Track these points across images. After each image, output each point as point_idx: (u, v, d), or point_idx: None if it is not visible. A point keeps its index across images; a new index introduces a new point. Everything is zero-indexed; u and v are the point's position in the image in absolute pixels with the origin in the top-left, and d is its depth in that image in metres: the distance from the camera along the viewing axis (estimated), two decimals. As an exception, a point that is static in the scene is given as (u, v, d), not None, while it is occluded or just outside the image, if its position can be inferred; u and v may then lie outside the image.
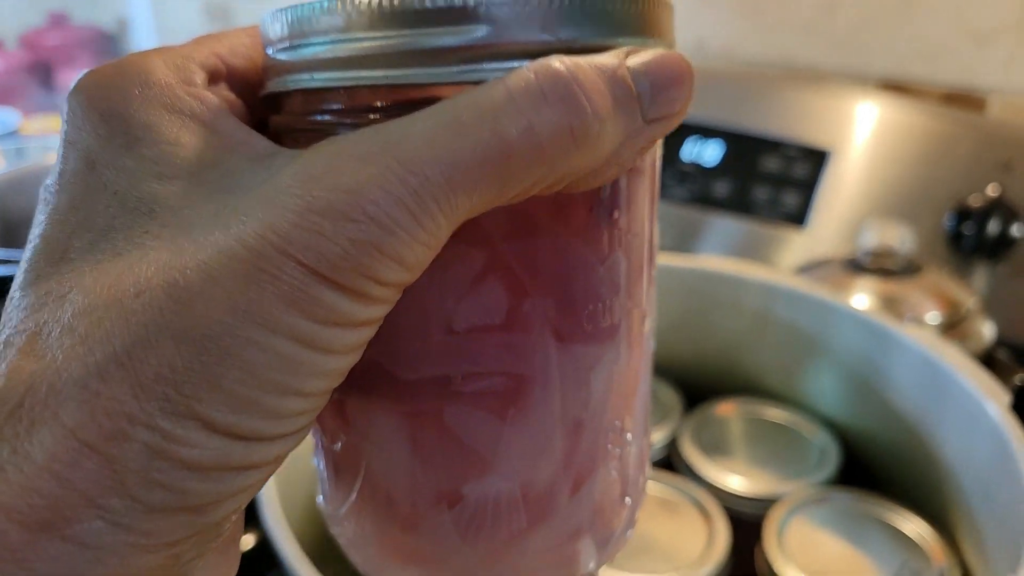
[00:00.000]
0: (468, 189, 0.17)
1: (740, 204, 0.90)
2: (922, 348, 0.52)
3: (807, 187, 0.87)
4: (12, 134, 1.30)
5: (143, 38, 1.45)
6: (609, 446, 0.23)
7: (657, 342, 0.34)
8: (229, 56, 0.22)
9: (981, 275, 0.79)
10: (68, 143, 0.20)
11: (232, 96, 0.22)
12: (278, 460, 0.18)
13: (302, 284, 0.16)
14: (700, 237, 0.92)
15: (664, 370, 0.67)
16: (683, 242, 0.92)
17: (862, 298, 0.67)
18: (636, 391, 0.24)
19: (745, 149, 0.90)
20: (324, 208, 0.16)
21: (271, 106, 0.22)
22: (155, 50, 0.21)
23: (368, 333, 0.18)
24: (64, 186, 0.19)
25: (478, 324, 0.20)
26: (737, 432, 0.61)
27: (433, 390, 0.21)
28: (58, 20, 1.44)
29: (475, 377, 0.21)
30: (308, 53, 0.20)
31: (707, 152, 0.92)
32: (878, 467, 0.58)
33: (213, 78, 0.21)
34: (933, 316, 0.66)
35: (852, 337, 0.57)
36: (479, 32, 0.18)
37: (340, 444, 0.23)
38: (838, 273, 0.70)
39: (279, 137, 0.21)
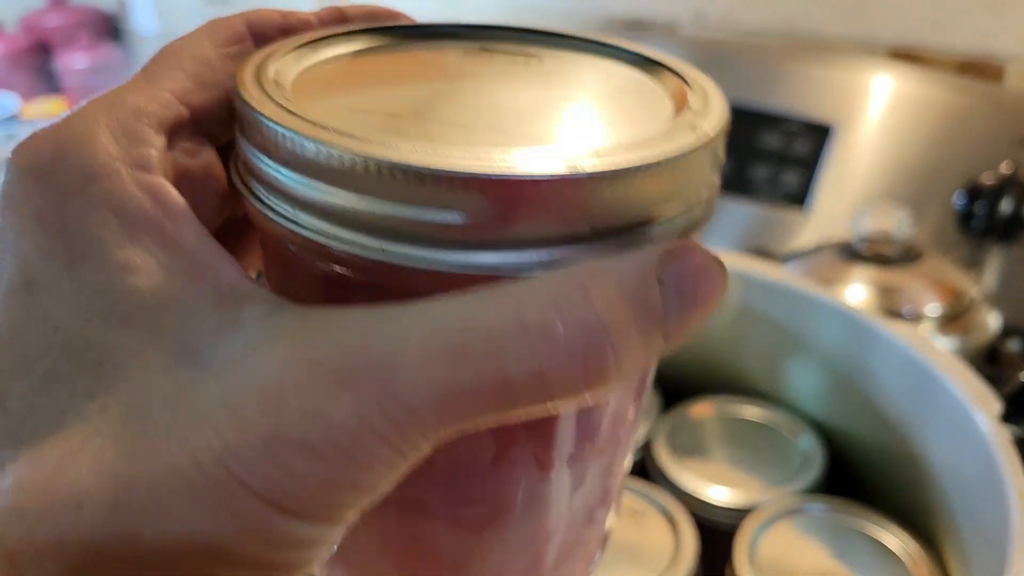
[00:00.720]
0: (458, 420, 0.15)
1: (737, 184, 0.85)
2: (909, 348, 0.48)
3: (809, 165, 0.82)
4: (11, 119, 1.28)
5: (143, 19, 1.43)
6: (582, 542, 0.23)
7: None
8: (194, 91, 0.19)
9: (992, 258, 0.73)
10: (4, 241, 0.17)
11: (193, 160, 0.19)
12: None
13: (264, 518, 0.15)
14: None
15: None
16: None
17: (857, 288, 0.62)
18: (615, 487, 0.23)
19: (743, 125, 0.85)
20: (294, 441, 0.14)
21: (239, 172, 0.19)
22: (101, 106, 0.18)
23: (334, 541, 0.16)
24: (1, 304, 0.17)
25: (464, 462, 0.20)
26: (714, 434, 0.57)
27: (413, 508, 0.21)
28: (58, 1, 1.41)
29: (455, 504, 0.21)
30: (297, 187, 0.16)
31: (705, 129, 0.87)
32: (863, 471, 0.54)
33: (174, 132, 0.18)
34: (933, 308, 0.61)
35: (836, 333, 0.53)
36: (483, 212, 0.15)
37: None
38: (832, 261, 0.65)
39: (250, 220, 0.18)
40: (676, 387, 0.61)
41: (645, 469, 0.57)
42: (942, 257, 0.64)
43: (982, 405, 0.43)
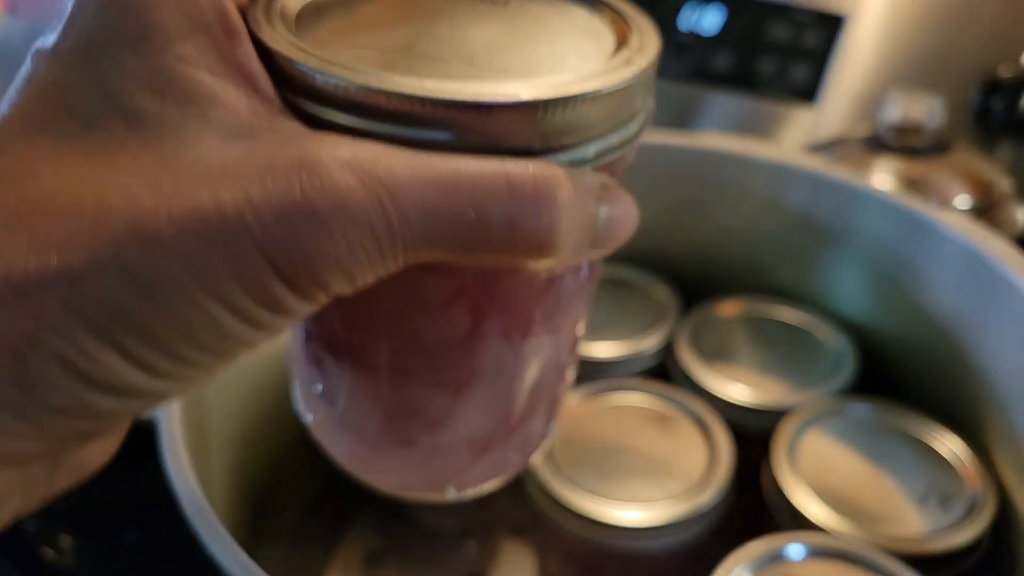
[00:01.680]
0: (435, 246, 0.18)
1: (743, 78, 0.79)
2: (964, 238, 0.44)
3: (819, 58, 0.76)
4: None
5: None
6: (542, 403, 0.28)
7: (650, 234, 0.38)
8: None
9: (1011, 156, 0.69)
10: (73, 14, 0.19)
11: None
12: (179, 395, 0.19)
13: (258, 272, 0.17)
14: (698, 116, 0.82)
15: (657, 266, 0.59)
16: (679, 122, 0.82)
17: (883, 180, 0.57)
18: (570, 357, 0.28)
19: (749, 15, 0.79)
20: (309, 212, 0.17)
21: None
22: None
23: (298, 319, 0.19)
24: (56, 64, 0.19)
25: (443, 336, 0.24)
26: (741, 335, 0.53)
27: (400, 373, 0.25)
28: None
29: (436, 370, 0.25)
30: (310, 111, 0.20)
31: (706, 20, 0.81)
32: (902, 376, 0.51)
33: None
34: (962, 200, 0.57)
35: (879, 225, 0.48)
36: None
37: (323, 387, 0.27)
38: (856, 152, 0.61)
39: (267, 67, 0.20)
40: (699, 287, 0.56)
41: (667, 371, 0.53)
42: (972, 149, 0.60)
43: (1052, 297, 0.39)
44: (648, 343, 0.52)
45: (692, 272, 0.58)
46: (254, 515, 0.46)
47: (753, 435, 0.48)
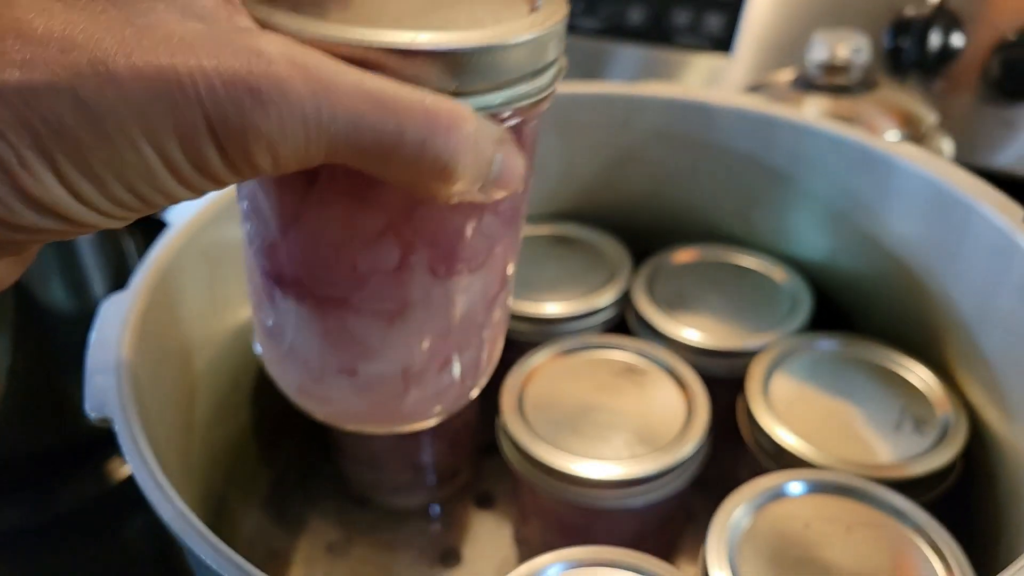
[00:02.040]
0: (353, 149, 0.20)
1: (657, 31, 0.78)
2: (921, 169, 0.44)
3: (732, 7, 0.76)
4: None
5: None
6: (472, 339, 0.30)
7: (596, 189, 0.48)
8: None
9: (921, 93, 0.71)
10: None
11: None
12: (95, 229, 0.21)
13: (197, 132, 0.19)
14: (611, 70, 0.81)
15: (603, 221, 0.57)
16: (592, 77, 0.80)
17: (815, 118, 0.57)
18: (496, 298, 0.30)
19: (660, -33, 0.78)
20: (253, 89, 0.19)
21: None
22: None
23: (214, 190, 0.21)
24: None
25: (376, 267, 0.26)
26: (698, 282, 0.52)
27: (339, 304, 0.27)
28: None
29: (371, 300, 0.27)
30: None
31: (617, -27, 0.80)
32: (857, 311, 0.51)
33: None
34: (892, 135, 0.58)
35: (830, 162, 0.48)
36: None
37: (273, 320, 0.29)
38: (784, 93, 0.61)
39: None
40: (647, 240, 0.55)
41: (626, 324, 0.52)
42: (898, 85, 0.61)
43: (1010, 216, 0.39)
44: (605, 298, 0.51)
45: (642, 225, 0.56)
46: (211, 515, 0.42)
47: (717, 380, 0.47)
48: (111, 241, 0.55)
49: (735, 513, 0.37)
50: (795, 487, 0.38)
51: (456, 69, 0.22)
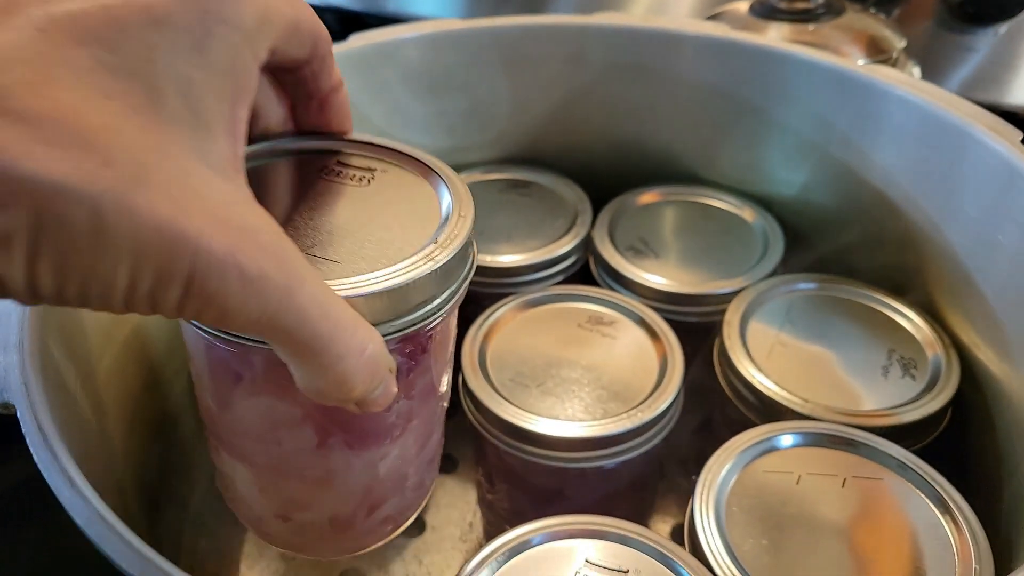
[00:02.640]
0: (285, 342, 0.22)
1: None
2: (903, 92, 0.40)
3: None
4: None
5: None
6: (397, 488, 0.33)
7: (543, 130, 0.51)
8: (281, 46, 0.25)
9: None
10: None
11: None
12: (23, 302, 0.20)
13: (174, 279, 0.19)
14: (554, 5, 0.76)
15: (559, 164, 0.53)
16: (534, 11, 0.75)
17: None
18: (425, 445, 0.33)
19: None
20: (245, 267, 0.20)
21: None
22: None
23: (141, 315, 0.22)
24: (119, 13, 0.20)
25: (299, 446, 0.29)
26: (662, 225, 0.49)
27: (270, 469, 0.31)
28: None
29: (298, 468, 0.30)
30: None
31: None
32: (832, 253, 0.48)
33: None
34: (860, 63, 0.54)
35: (797, 88, 0.44)
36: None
37: (219, 468, 0.33)
38: (745, 21, 0.56)
39: None
40: (606, 184, 0.51)
41: (589, 273, 0.48)
42: (864, 10, 0.57)
43: (1007, 138, 0.36)
44: (566, 245, 0.47)
45: (600, 167, 0.52)
46: (148, 507, 0.37)
47: (685, 328, 0.43)
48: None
49: (722, 471, 0.33)
50: (786, 440, 0.35)
51: (362, 308, 0.24)
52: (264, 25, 0.23)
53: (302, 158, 0.30)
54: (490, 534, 0.46)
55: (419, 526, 0.46)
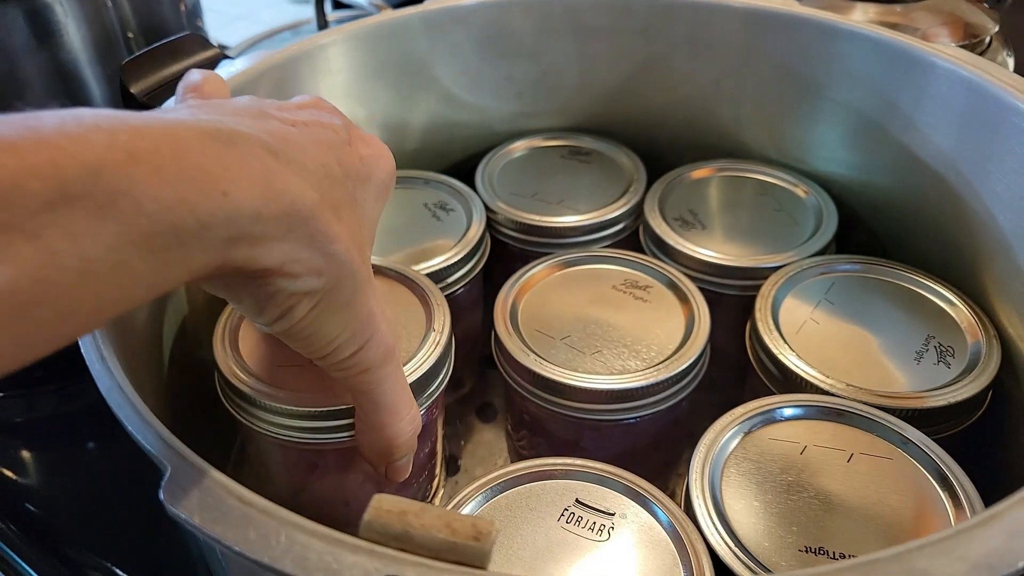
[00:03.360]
0: (364, 394, 0.30)
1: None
2: (963, 70, 0.38)
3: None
4: None
5: None
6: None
7: (607, 100, 0.53)
8: None
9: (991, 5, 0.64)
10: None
11: None
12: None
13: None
14: None
15: (621, 134, 0.53)
16: None
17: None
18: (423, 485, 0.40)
19: None
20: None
21: None
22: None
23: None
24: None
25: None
26: (715, 199, 0.48)
27: (336, 518, 0.33)
28: None
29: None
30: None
31: None
32: (886, 232, 0.46)
33: None
34: (947, 44, 0.52)
35: (863, 66, 0.43)
36: None
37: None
38: (831, 1, 0.55)
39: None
40: (666, 154, 0.51)
41: (638, 241, 0.48)
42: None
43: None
44: (616, 211, 0.47)
45: (662, 139, 0.52)
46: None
47: (727, 299, 0.43)
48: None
49: (725, 433, 0.33)
50: (799, 411, 0.34)
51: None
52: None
53: None
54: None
55: (455, 468, 0.48)
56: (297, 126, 0.26)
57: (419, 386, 0.34)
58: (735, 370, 0.43)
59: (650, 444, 0.41)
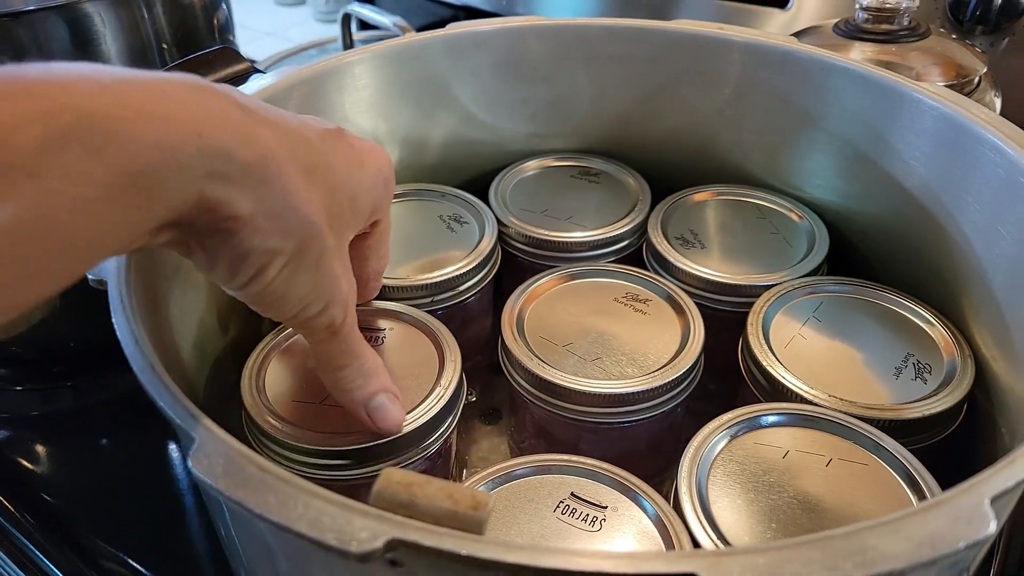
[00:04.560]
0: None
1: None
2: (942, 106, 0.41)
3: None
4: None
5: None
6: None
7: (624, 124, 0.55)
8: None
9: (984, 47, 0.66)
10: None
11: None
12: None
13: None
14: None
15: (628, 156, 0.55)
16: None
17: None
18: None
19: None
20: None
21: None
22: None
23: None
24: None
25: None
26: (714, 221, 0.50)
27: None
28: None
29: None
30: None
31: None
32: (872, 255, 0.48)
33: None
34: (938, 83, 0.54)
35: (855, 101, 0.45)
36: None
37: None
38: (830, 39, 0.57)
39: None
40: (670, 177, 0.53)
41: (642, 259, 0.50)
42: (948, 35, 0.57)
43: (1037, 156, 0.36)
44: (621, 229, 0.49)
45: (667, 163, 0.54)
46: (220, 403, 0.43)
47: (723, 316, 0.45)
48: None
49: (713, 437, 0.35)
50: (776, 418, 0.36)
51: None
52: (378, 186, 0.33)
53: None
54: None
55: (462, 469, 0.50)
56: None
57: (430, 427, 0.37)
58: (728, 381, 0.45)
59: (645, 448, 0.43)
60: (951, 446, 0.38)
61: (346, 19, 0.88)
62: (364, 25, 0.98)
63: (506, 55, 0.52)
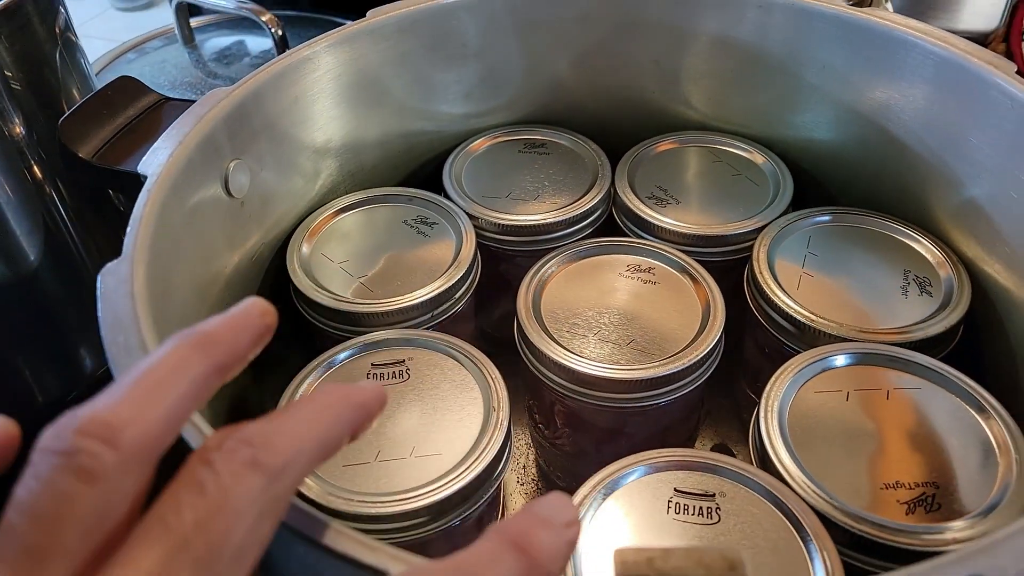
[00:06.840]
0: None
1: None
2: (860, 19, 0.42)
3: None
4: None
5: None
6: None
7: (554, 90, 0.53)
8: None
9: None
10: None
11: None
12: None
13: None
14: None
15: (569, 120, 0.53)
16: None
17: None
18: None
19: None
20: None
21: None
22: None
23: None
24: None
25: None
26: (678, 173, 0.50)
27: None
28: None
29: None
30: None
31: None
32: (832, 183, 0.49)
33: None
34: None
35: (790, 33, 0.45)
36: None
37: None
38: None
39: None
40: (620, 136, 0.52)
41: (615, 224, 0.49)
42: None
43: (1006, 72, 0.38)
44: (592, 200, 0.47)
45: (611, 122, 0.53)
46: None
47: (718, 267, 0.45)
48: (39, 210, 0.48)
49: (781, 394, 0.35)
50: (830, 361, 0.37)
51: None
52: None
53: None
54: (545, 475, 0.47)
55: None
56: None
57: (488, 471, 0.35)
58: (727, 331, 0.45)
59: (683, 416, 0.42)
60: (959, 353, 0.40)
61: (182, 8, 0.77)
62: (194, 10, 0.86)
63: (434, 36, 0.47)
